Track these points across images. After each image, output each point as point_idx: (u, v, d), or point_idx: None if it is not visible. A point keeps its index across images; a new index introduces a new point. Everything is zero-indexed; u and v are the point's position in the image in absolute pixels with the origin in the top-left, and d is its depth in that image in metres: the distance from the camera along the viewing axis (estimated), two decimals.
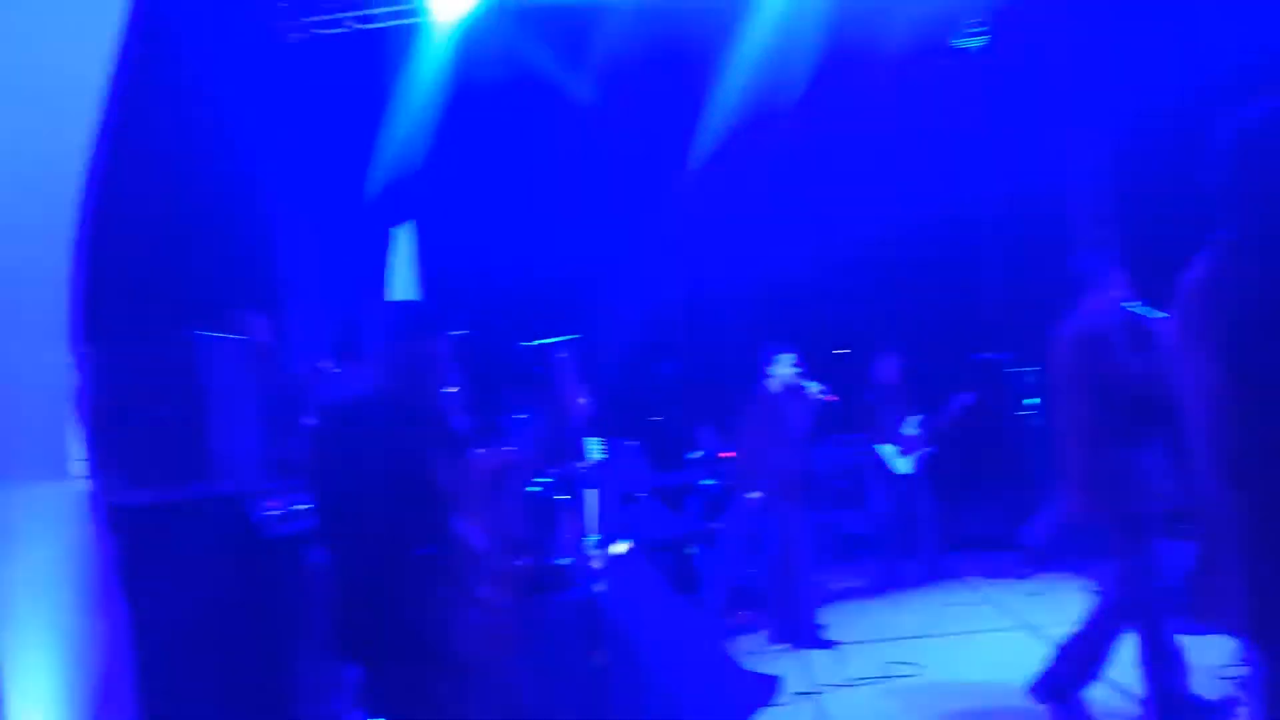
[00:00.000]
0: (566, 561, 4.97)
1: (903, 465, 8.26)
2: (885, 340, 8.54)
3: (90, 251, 3.45)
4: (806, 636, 6.46)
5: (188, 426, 3.68)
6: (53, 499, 3.13)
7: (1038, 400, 9.70)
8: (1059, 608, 6.74)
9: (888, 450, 8.23)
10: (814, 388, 6.63)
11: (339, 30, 8.87)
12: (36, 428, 3.15)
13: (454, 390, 5.12)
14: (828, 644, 6.39)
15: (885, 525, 9.74)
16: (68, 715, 2.94)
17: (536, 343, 3.16)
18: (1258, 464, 2.05)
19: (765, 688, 5.54)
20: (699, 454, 8.17)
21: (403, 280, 8.13)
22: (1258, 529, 2.05)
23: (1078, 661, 4.43)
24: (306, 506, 3.61)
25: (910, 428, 8.30)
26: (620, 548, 5.57)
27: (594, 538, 5.86)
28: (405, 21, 8.81)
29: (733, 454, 7.90)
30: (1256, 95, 2.17)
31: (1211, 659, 4.26)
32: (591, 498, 5.79)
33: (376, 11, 8.81)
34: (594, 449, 6.86)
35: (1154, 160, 7.57)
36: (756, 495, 6.59)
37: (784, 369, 6.73)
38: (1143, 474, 4.01)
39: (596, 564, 5.32)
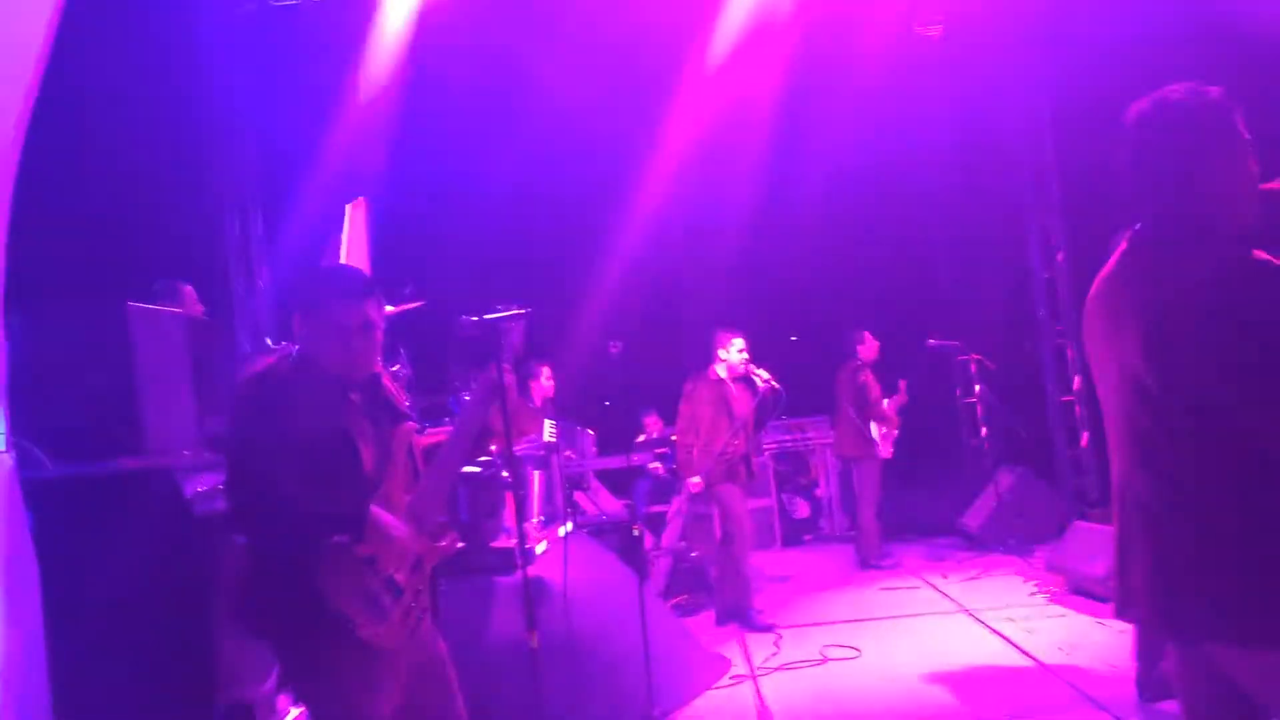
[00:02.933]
0: (510, 543, 4.94)
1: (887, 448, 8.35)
2: (861, 321, 8.57)
3: (19, 215, 3.34)
4: (747, 619, 6.50)
5: (116, 398, 3.58)
6: None
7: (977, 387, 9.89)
8: (997, 593, 6.85)
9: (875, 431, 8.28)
10: (762, 374, 6.64)
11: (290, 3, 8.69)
12: None
13: (395, 367, 5.06)
14: (767, 627, 6.42)
15: (828, 510, 9.87)
16: None
17: (486, 316, 3.07)
18: (1160, 453, 2.06)
19: (714, 668, 5.55)
20: (645, 437, 8.17)
21: (355, 255, 8.01)
22: (1164, 517, 2.07)
23: None
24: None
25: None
26: (564, 530, 5.55)
27: (538, 519, 5.85)
28: None
29: (678, 437, 7.93)
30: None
31: None
32: (538, 479, 5.78)
33: None
34: (544, 429, 6.83)
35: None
36: (697, 480, 6.60)
37: (733, 354, 6.73)
38: None
39: (540, 546, 5.30)
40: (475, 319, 3.08)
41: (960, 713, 4.66)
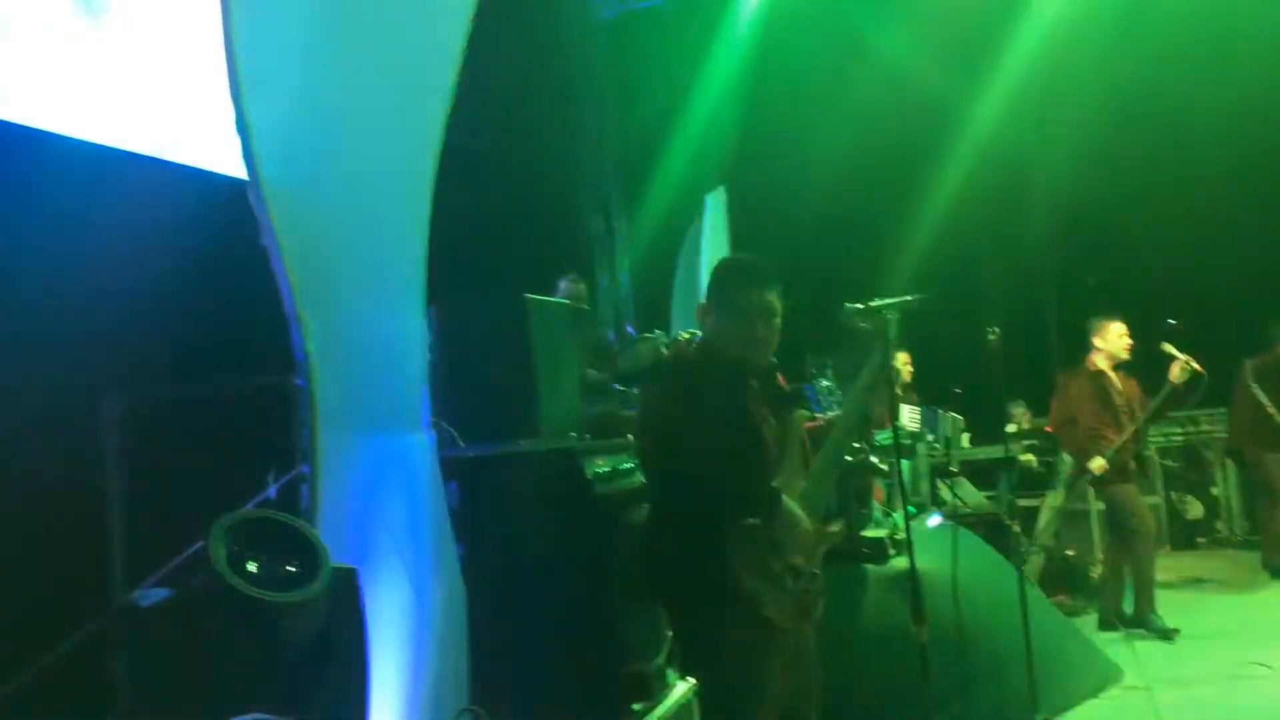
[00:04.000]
0: (881, 532, 4.85)
1: None
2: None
3: (439, 219, 3.70)
4: (1148, 623, 5.98)
5: (517, 384, 3.86)
6: (409, 450, 3.39)
7: None
8: None
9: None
10: (1175, 352, 6.02)
11: (649, 4, 9.03)
12: (396, 383, 3.41)
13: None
14: (1170, 633, 5.88)
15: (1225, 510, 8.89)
16: (412, 651, 3.19)
17: (872, 304, 3.03)
18: None
19: (1103, 674, 5.17)
20: (1014, 427, 7.75)
21: (715, 243, 8.22)
22: None
23: None
24: (629, 465, 3.72)
25: None
26: (934, 520, 5.38)
27: (909, 508, 5.70)
28: None
29: (1050, 429, 7.43)
30: None
31: None
32: (907, 468, 5.63)
33: None
34: (904, 416, 6.66)
35: None
36: (1101, 462, 6.09)
37: (1113, 341, 6.21)
38: None
39: (911, 534, 5.15)
40: (861, 306, 3.03)
41: None
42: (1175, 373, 5.91)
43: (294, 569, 2.52)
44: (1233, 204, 8.95)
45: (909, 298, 3.10)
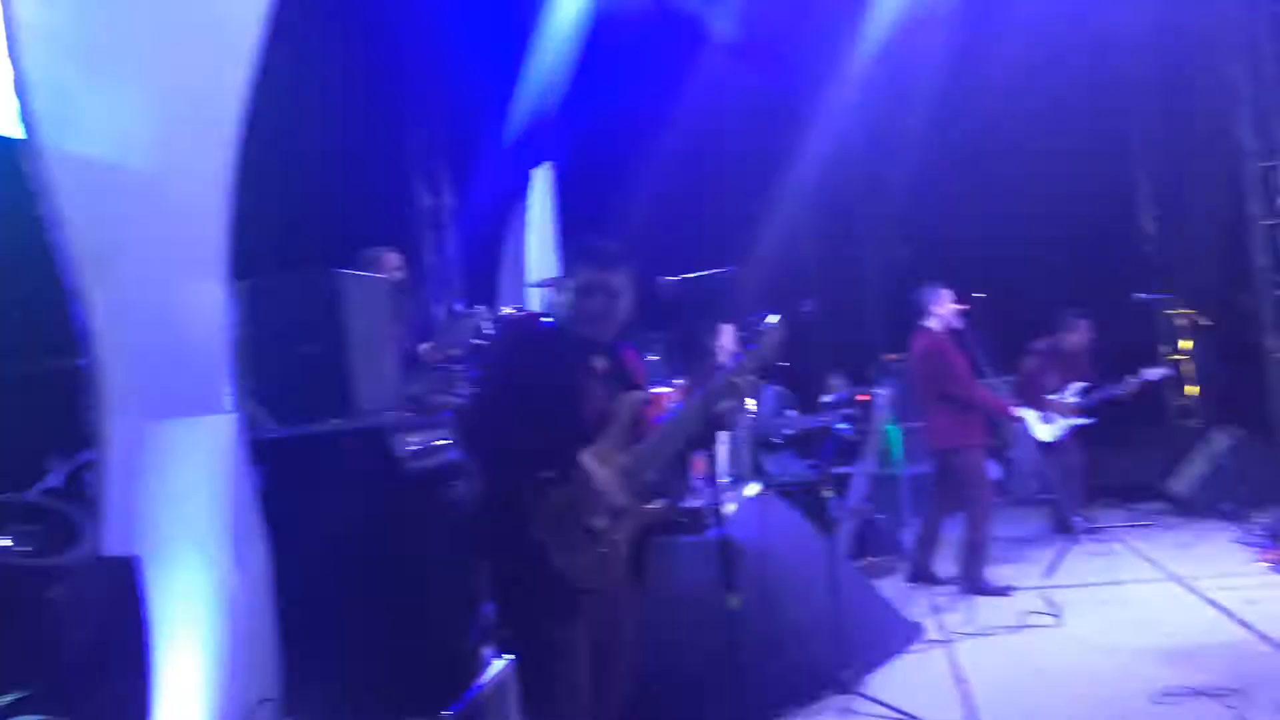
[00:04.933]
0: (699, 503, 4.95)
1: (1044, 433, 7.83)
2: (1071, 303, 8.11)
3: (241, 189, 3.54)
4: (981, 584, 6.29)
5: (328, 362, 3.77)
6: (208, 432, 3.25)
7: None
8: (1211, 561, 6.44)
9: (1029, 415, 7.82)
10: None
11: None
12: (195, 363, 3.27)
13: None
14: (1002, 590, 6.20)
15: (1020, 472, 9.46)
16: (212, 640, 3.08)
17: (686, 276, 3.12)
18: None
19: (906, 633, 5.45)
20: (834, 398, 8.04)
21: (541, 219, 8.18)
22: None
23: None
24: (443, 443, 3.69)
25: (1069, 395, 7.87)
26: (752, 490, 5.52)
27: (727, 479, 5.84)
28: None
29: (868, 397, 7.73)
30: None
31: None
32: (727, 439, 5.75)
33: None
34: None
35: None
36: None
37: (945, 308, 6.42)
38: None
39: (730, 506, 5.29)
40: (676, 279, 3.10)
41: (1170, 685, 4.34)
42: None
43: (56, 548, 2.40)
44: (1033, 200, 9.52)
45: (720, 270, 3.17)
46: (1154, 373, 7.91)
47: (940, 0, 8.70)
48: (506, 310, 5.08)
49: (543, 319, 3.04)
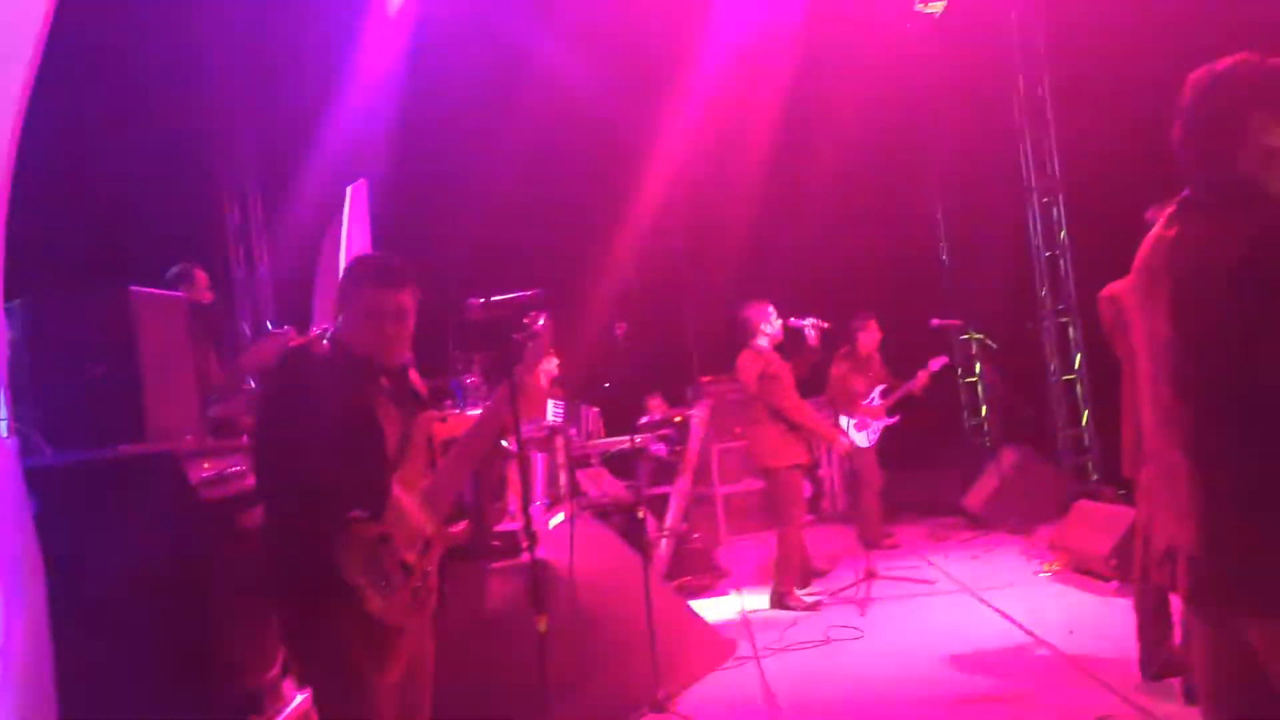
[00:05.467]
0: (513, 526, 4.94)
1: (861, 439, 8.15)
2: (865, 306, 8.47)
3: (18, 204, 3.32)
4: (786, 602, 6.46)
5: (117, 384, 3.57)
6: None
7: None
8: (1000, 572, 6.85)
9: (847, 425, 8.12)
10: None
11: None
12: None
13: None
14: (811, 606, 6.40)
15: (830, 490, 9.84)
16: None
17: (494, 298, 3.07)
18: (1192, 420, 2.06)
19: (719, 650, 5.56)
20: (648, 419, 8.15)
21: (356, 237, 7.98)
22: (1194, 484, 2.05)
23: None
24: (240, 469, 3.54)
25: (875, 399, 8.23)
26: (554, 520, 5.53)
27: (543, 502, 5.84)
28: None
29: (685, 418, 7.89)
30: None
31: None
32: (542, 461, 5.76)
33: None
34: (547, 410, 6.82)
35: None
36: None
37: (773, 325, 6.63)
38: None
39: (543, 527, 5.29)
40: (482, 301, 3.07)
41: (963, 691, 4.67)
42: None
43: None
44: (841, 233, 10.00)
45: (529, 293, 3.17)
46: (937, 362, 8.28)
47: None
48: (316, 332, 4.93)
49: (322, 343, 2.85)
